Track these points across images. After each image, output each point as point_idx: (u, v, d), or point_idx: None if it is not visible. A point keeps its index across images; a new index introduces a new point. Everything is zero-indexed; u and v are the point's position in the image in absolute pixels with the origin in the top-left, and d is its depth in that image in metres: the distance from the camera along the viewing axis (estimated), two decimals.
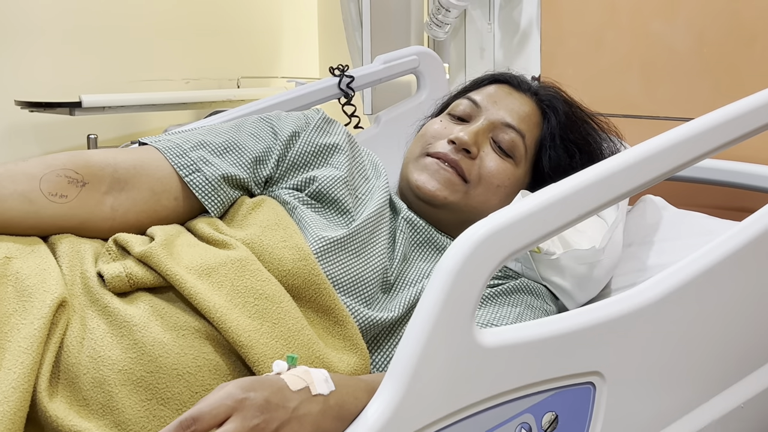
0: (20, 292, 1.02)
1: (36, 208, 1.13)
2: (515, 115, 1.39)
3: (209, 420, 0.84)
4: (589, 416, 1.01)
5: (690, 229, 1.56)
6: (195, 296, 1.05)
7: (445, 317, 0.87)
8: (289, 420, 0.87)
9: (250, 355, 1.03)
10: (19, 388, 0.94)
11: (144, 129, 3.11)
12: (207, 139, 1.28)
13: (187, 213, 1.25)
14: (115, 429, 0.98)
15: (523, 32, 2.38)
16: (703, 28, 1.92)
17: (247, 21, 3.40)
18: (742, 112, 1.10)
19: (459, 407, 0.90)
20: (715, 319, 1.13)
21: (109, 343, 1.01)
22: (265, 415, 0.86)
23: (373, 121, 2.05)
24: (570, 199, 0.96)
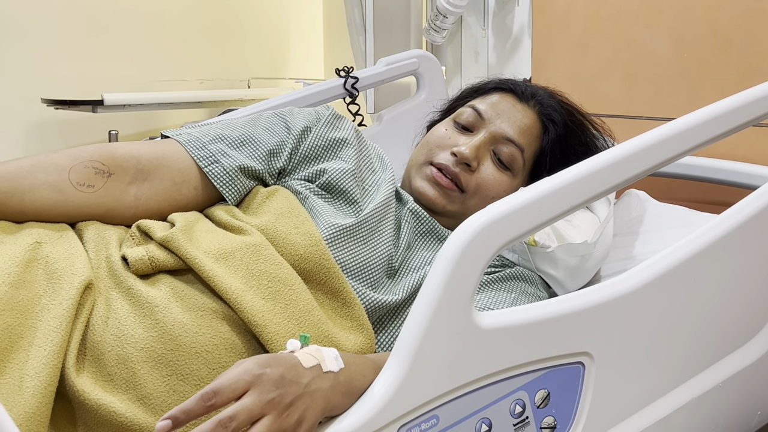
0: (50, 275, 1.02)
1: (65, 197, 1.13)
2: (516, 128, 1.37)
3: (228, 393, 0.84)
4: (578, 393, 1.01)
5: (671, 220, 1.56)
6: (213, 279, 1.05)
7: (446, 301, 0.87)
8: (301, 395, 0.87)
9: (264, 334, 1.03)
10: (49, 364, 0.94)
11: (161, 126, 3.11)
12: (225, 133, 1.28)
13: (205, 201, 1.25)
14: (137, 403, 0.98)
15: (515, 38, 2.38)
16: (682, 35, 1.92)
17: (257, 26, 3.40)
18: (720, 113, 1.10)
19: (458, 384, 0.91)
20: (696, 303, 1.13)
21: (132, 323, 1.01)
22: (280, 389, 0.86)
23: (375, 119, 2.05)
24: (561, 193, 0.96)
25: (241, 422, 0.83)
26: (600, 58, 2.09)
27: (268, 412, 0.85)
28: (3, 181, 1.09)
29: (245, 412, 0.83)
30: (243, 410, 0.83)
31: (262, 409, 0.84)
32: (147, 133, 3.07)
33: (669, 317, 1.09)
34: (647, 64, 1.99)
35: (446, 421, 0.90)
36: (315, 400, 0.88)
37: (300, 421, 0.86)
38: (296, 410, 0.86)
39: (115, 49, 2.98)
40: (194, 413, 0.83)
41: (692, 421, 1.16)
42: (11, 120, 2.80)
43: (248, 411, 0.83)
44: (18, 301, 0.98)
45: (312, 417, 0.87)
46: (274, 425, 0.84)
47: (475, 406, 0.92)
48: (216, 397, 0.83)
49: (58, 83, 2.84)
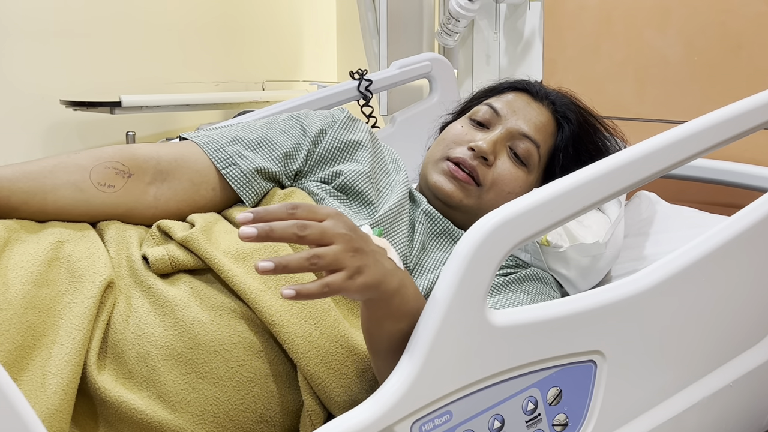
0: (71, 274, 1.03)
1: (86, 196, 1.14)
2: (532, 125, 1.38)
3: (308, 209, 0.85)
4: (590, 391, 1.01)
5: (682, 222, 1.56)
6: (231, 278, 1.06)
7: (460, 298, 0.88)
8: (367, 252, 0.87)
9: (282, 333, 1.04)
10: (71, 361, 0.95)
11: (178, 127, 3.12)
12: (242, 135, 1.29)
13: (223, 202, 1.25)
14: (157, 400, 0.99)
15: (527, 41, 2.38)
16: (692, 38, 1.92)
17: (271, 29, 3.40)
18: (732, 116, 1.10)
19: (471, 381, 0.91)
20: (707, 304, 1.13)
21: (153, 321, 1.02)
22: (353, 233, 0.86)
23: (388, 121, 2.05)
24: (573, 193, 0.97)
25: (311, 233, 0.83)
26: (611, 61, 2.10)
27: (337, 242, 0.84)
28: (26, 181, 1.10)
29: (318, 227, 0.83)
30: (317, 226, 0.83)
31: (334, 236, 0.84)
32: (164, 134, 3.08)
33: (680, 317, 1.10)
34: (658, 66, 1.99)
35: (459, 417, 0.91)
36: (376, 265, 0.87)
37: (359, 270, 0.85)
38: (360, 258, 0.86)
39: (132, 52, 3.00)
40: (276, 215, 0.83)
41: (703, 420, 1.16)
42: (31, 121, 2.82)
43: (321, 228, 0.84)
44: (40, 299, 0.99)
45: (369, 276, 0.86)
46: (340, 253, 0.83)
47: (488, 403, 0.93)
48: (298, 209, 0.84)
49: (77, 85, 2.86)
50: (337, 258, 0.84)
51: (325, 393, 1.04)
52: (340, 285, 0.84)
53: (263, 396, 1.04)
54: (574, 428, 1.00)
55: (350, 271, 0.85)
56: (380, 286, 0.88)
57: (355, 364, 1.07)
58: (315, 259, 0.82)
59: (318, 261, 0.82)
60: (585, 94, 1.50)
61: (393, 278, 0.90)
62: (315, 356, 1.04)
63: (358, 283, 0.85)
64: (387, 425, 0.86)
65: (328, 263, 0.83)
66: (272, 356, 1.05)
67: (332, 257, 0.83)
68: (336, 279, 0.83)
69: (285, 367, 1.06)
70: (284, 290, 0.80)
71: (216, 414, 1.01)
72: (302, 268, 0.82)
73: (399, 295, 0.90)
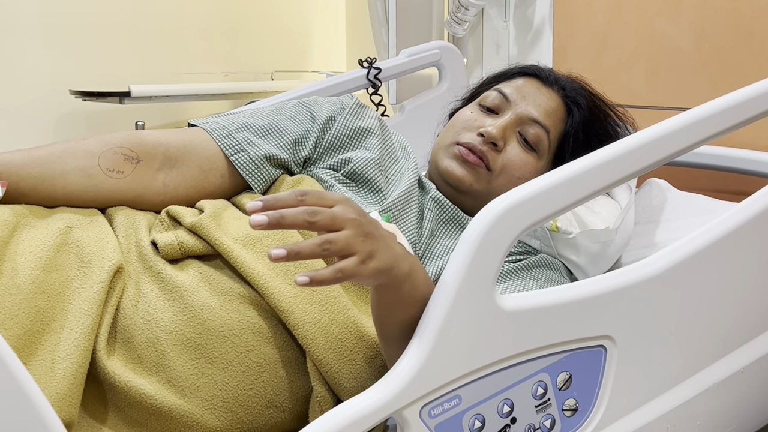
0: (81, 259, 1.04)
1: (95, 182, 1.14)
2: (542, 110, 1.37)
3: (317, 196, 0.85)
4: (600, 376, 1.01)
5: (692, 209, 1.56)
6: (240, 264, 1.06)
7: (469, 282, 0.88)
8: (377, 237, 0.87)
9: (291, 319, 1.04)
10: (80, 346, 0.95)
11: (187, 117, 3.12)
12: (250, 122, 1.28)
13: (232, 189, 1.25)
14: (166, 385, 1.00)
15: (537, 29, 2.38)
16: (704, 26, 1.91)
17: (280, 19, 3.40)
18: (739, 102, 1.09)
19: (481, 365, 0.91)
20: (717, 289, 1.13)
21: (162, 306, 1.02)
22: (363, 218, 0.86)
23: (397, 110, 2.05)
24: (582, 178, 0.96)
25: (322, 219, 0.83)
26: (621, 49, 2.09)
27: (348, 227, 0.84)
28: (34, 167, 1.10)
29: (328, 213, 0.83)
30: (327, 211, 0.83)
31: (344, 221, 0.84)
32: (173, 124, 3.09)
33: (691, 302, 1.09)
34: (669, 54, 1.98)
35: (468, 402, 0.91)
36: (387, 249, 0.87)
37: (371, 255, 0.85)
38: (371, 243, 0.85)
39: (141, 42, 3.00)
40: (285, 202, 0.83)
41: (714, 405, 1.16)
42: (41, 111, 2.83)
43: (331, 213, 0.84)
44: (50, 284, 0.99)
45: (381, 261, 0.86)
46: (351, 238, 0.83)
47: (497, 387, 0.93)
48: (307, 196, 0.84)
49: (86, 75, 2.86)
50: (348, 243, 0.83)
51: (334, 378, 1.04)
52: (353, 270, 0.83)
53: (272, 381, 1.04)
54: (583, 413, 1.00)
55: (362, 255, 0.85)
56: (392, 270, 0.88)
57: (364, 349, 1.07)
58: (327, 245, 0.82)
59: (330, 246, 0.82)
60: (595, 83, 1.50)
61: (404, 263, 0.90)
62: (324, 342, 1.04)
63: (370, 268, 0.85)
64: (396, 409, 0.86)
65: (340, 248, 0.83)
66: (281, 342, 1.06)
67: (344, 242, 0.83)
68: (349, 264, 0.83)
69: (294, 353, 1.06)
70: (298, 277, 0.79)
71: (225, 399, 1.01)
72: (314, 255, 0.82)
73: (410, 280, 0.90)
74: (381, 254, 0.86)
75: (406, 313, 0.92)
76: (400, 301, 0.91)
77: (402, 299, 0.91)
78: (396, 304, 0.91)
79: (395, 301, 0.91)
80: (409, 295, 0.91)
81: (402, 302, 0.91)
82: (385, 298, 0.92)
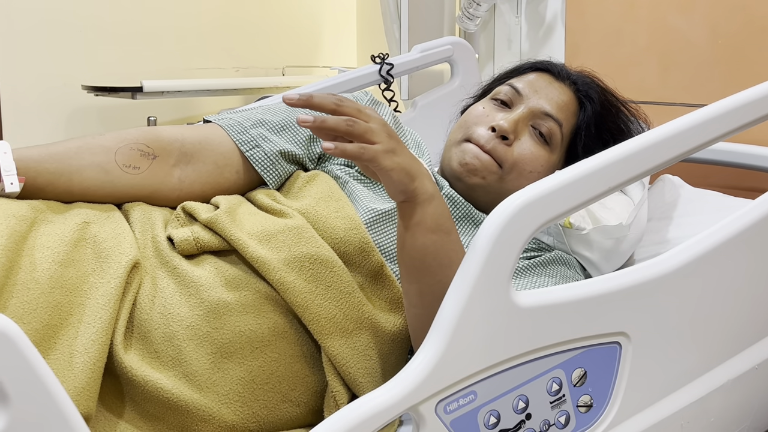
0: (98, 254, 1.04)
1: (111, 178, 1.15)
2: (554, 104, 1.36)
3: (354, 106, 0.98)
4: (615, 373, 1.01)
5: (706, 205, 1.56)
6: (256, 260, 1.06)
7: (484, 279, 0.88)
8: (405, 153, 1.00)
9: (306, 314, 1.04)
10: (97, 341, 0.96)
11: (199, 112, 3.13)
12: (266, 118, 1.29)
13: (247, 185, 1.26)
14: (183, 380, 1.00)
15: (549, 25, 2.37)
16: (717, 21, 1.91)
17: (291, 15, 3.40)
18: (756, 98, 1.09)
19: (496, 361, 0.91)
20: (732, 286, 1.13)
21: (178, 301, 1.03)
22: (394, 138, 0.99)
23: (409, 105, 2.05)
24: (597, 175, 0.96)
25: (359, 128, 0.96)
26: (634, 45, 2.09)
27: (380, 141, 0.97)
28: (51, 162, 1.11)
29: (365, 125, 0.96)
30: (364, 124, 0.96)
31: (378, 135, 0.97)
32: (185, 119, 3.09)
33: (705, 299, 1.09)
34: (682, 50, 1.98)
35: (484, 397, 0.91)
36: (413, 160, 1.00)
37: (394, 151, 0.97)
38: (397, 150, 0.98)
39: (153, 38, 3.01)
40: (322, 105, 0.98)
41: (728, 402, 1.16)
42: (53, 106, 2.84)
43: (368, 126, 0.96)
44: (67, 279, 1.00)
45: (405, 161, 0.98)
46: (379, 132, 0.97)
47: (512, 383, 0.93)
48: (344, 102, 0.98)
49: (99, 70, 2.87)
50: (374, 132, 0.96)
51: (349, 374, 1.05)
52: (375, 151, 0.95)
53: (288, 376, 1.05)
54: (598, 410, 1.00)
55: (386, 146, 0.96)
56: (415, 178, 0.98)
57: (379, 345, 1.07)
58: (351, 122, 0.95)
59: (354, 124, 0.95)
60: (608, 79, 1.50)
61: (429, 182, 1.00)
62: (339, 337, 1.05)
63: (394, 161, 0.96)
64: (411, 405, 0.86)
65: (364, 130, 0.95)
66: (297, 337, 1.06)
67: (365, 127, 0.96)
68: (372, 147, 0.95)
69: (309, 348, 1.07)
70: (325, 144, 0.93)
71: (241, 393, 1.02)
72: (339, 125, 0.95)
73: (434, 204, 0.99)
74: (405, 157, 0.98)
75: (428, 237, 0.98)
76: (424, 222, 0.99)
77: (425, 221, 0.99)
78: (419, 226, 0.99)
79: (419, 221, 0.99)
80: (432, 218, 0.99)
81: (425, 225, 0.99)
82: (409, 217, 1.00)
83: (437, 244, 0.96)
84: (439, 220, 0.99)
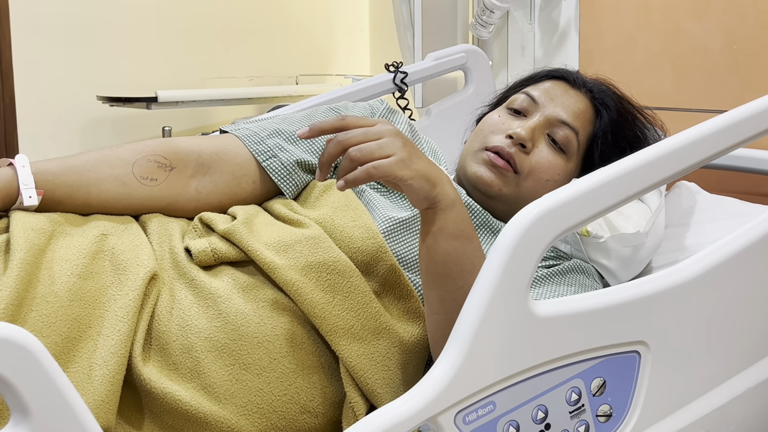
0: (116, 266, 1.04)
1: (129, 190, 1.15)
2: (570, 112, 1.36)
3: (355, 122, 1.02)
4: (634, 382, 1.01)
5: (723, 212, 1.55)
6: (273, 271, 1.06)
7: (503, 289, 0.88)
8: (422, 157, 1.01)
9: (324, 325, 1.04)
10: (117, 353, 0.96)
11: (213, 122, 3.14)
12: (282, 128, 1.29)
13: (264, 195, 1.26)
14: (201, 391, 1.00)
15: (562, 31, 2.37)
16: (731, 27, 1.90)
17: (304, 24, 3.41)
18: None
19: (515, 371, 0.91)
20: (752, 294, 1.12)
21: (196, 313, 1.03)
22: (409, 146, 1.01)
23: (423, 113, 2.05)
24: (615, 183, 0.96)
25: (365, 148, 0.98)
26: (649, 51, 2.08)
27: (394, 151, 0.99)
28: (69, 175, 1.11)
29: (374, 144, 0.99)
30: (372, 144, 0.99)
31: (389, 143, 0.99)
32: (199, 129, 3.10)
33: (724, 307, 1.09)
34: (697, 56, 1.98)
35: (502, 408, 0.91)
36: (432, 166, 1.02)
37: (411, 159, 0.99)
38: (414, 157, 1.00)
39: (167, 48, 3.02)
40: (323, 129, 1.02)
41: (748, 410, 1.15)
42: (68, 117, 2.86)
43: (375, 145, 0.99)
44: (86, 291, 1.00)
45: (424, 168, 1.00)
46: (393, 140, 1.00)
47: (531, 394, 0.93)
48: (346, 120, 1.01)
49: (113, 81, 2.89)
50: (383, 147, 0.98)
51: (367, 385, 1.05)
52: (389, 165, 0.97)
53: (306, 387, 1.05)
54: (618, 419, 1.00)
55: (400, 157, 0.98)
56: (436, 184, 0.99)
57: (397, 355, 1.07)
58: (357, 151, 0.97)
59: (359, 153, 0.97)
60: (622, 85, 1.49)
61: (450, 188, 1.01)
62: (357, 348, 1.05)
63: (412, 169, 0.97)
64: (430, 416, 0.86)
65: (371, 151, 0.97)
66: (314, 348, 1.06)
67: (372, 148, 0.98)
68: (385, 161, 0.97)
69: (327, 359, 1.07)
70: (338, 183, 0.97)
71: (260, 405, 1.02)
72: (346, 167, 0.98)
73: (456, 210, 1.01)
74: (423, 163, 1.00)
75: (450, 243, 0.99)
76: (446, 228, 0.99)
77: (447, 227, 0.99)
78: (441, 232, 1.00)
79: (441, 227, 0.99)
80: (454, 224, 0.99)
81: (447, 231, 0.99)
82: (431, 224, 1.00)
83: (459, 250, 0.97)
84: (461, 226, 1.00)
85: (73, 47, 2.83)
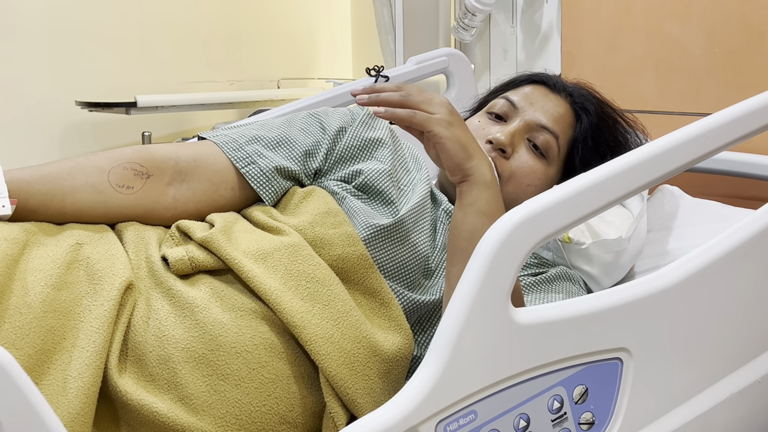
0: (91, 276, 1.03)
1: (105, 198, 1.14)
2: (550, 116, 1.37)
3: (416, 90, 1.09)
4: (617, 389, 1.01)
5: (706, 216, 1.55)
6: (252, 279, 1.05)
7: (483, 296, 0.87)
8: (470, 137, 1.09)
9: (303, 334, 1.04)
10: (92, 365, 0.95)
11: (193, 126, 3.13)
12: (261, 134, 1.28)
13: (242, 202, 1.25)
14: (179, 403, 0.99)
15: (544, 34, 2.38)
16: (713, 29, 1.91)
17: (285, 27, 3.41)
18: (757, 108, 1.09)
19: (496, 380, 0.91)
20: (734, 299, 1.12)
21: (173, 323, 1.02)
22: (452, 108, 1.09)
23: None
24: (597, 189, 0.96)
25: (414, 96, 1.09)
26: (631, 54, 2.09)
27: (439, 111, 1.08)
28: (44, 183, 1.10)
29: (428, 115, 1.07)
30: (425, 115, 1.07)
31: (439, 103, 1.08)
32: (179, 133, 3.09)
33: (708, 312, 1.09)
34: (679, 59, 1.98)
35: (484, 417, 0.90)
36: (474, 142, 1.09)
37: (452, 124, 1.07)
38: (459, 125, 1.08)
39: (147, 53, 3.01)
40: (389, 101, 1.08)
41: (731, 416, 1.15)
42: (47, 122, 2.84)
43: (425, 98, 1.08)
44: (60, 302, 0.99)
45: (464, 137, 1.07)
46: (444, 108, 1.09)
47: (513, 402, 0.92)
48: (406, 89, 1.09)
49: (92, 86, 2.87)
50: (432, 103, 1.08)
51: (347, 395, 1.04)
52: (428, 117, 1.07)
53: (285, 397, 1.04)
54: (600, 426, 1.00)
55: (443, 116, 1.07)
56: (473, 157, 1.06)
57: (377, 365, 1.07)
58: (405, 94, 1.08)
59: (408, 96, 1.08)
60: (604, 88, 1.50)
61: (489, 170, 1.07)
62: (337, 357, 1.04)
63: (450, 130, 1.06)
64: (412, 425, 0.85)
65: (420, 101, 1.08)
66: (294, 357, 1.05)
67: (423, 99, 1.08)
68: (425, 113, 1.07)
69: (307, 369, 1.06)
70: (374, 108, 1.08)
71: (238, 416, 1.01)
72: (391, 98, 1.07)
73: (491, 190, 1.07)
74: (466, 134, 1.08)
75: (479, 219, 1.04)
76: (476, 204, 1.05)
77: (478, 202, 1.05)
78: (472, 206, 1.05)
79: (472, 202, 1.06)
80: (486, 202, 1.05)
81: (477, 206, 1.05)
82: (464, 197, 1.07)
83: (487, 227, 0.95)
84: (493, 207, 1.05)
85: (51, 51, 2.81)
